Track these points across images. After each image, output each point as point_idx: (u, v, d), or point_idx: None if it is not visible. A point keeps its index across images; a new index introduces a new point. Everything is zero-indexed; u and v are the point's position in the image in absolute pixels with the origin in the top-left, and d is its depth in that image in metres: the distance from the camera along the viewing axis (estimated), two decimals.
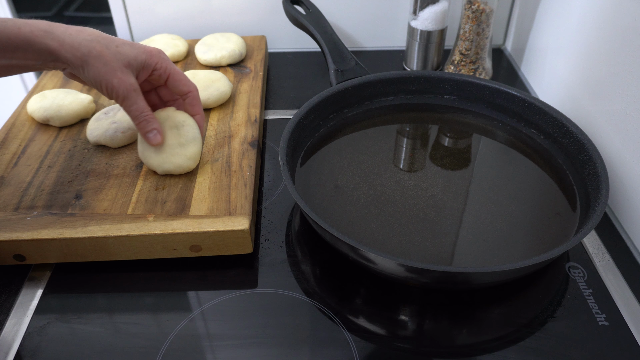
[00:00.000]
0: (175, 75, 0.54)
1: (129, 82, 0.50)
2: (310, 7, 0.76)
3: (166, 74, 0.53)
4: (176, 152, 0.54)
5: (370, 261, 0.45)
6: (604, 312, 0.47)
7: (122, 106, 0.51)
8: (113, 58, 0.49)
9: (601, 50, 0.59)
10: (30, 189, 0.55)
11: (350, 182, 0.57)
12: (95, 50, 0.48)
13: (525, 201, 0.55)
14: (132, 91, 0.50)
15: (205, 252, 0.51)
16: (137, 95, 0.51)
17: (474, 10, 0.71)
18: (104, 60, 0.48)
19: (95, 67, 0.48)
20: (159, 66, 0.53)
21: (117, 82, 0.49)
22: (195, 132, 0.56)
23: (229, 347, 0.45)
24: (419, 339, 0.45)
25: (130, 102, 0.51)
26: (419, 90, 0.68)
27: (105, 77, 0.49)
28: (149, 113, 0.53)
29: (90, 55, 0.48)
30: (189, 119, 0.56)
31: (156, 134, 0.53)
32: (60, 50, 0.47)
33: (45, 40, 0.46)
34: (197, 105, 0.56)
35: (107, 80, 0.49)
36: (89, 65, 0.48)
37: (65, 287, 0.50)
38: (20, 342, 0.45)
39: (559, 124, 0.59)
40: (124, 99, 0.50)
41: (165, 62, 0.53)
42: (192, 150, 0.55)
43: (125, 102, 0.51)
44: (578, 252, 0.53)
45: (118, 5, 0.85)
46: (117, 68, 0.49)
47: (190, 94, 0.56)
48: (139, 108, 0.51)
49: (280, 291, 0.49)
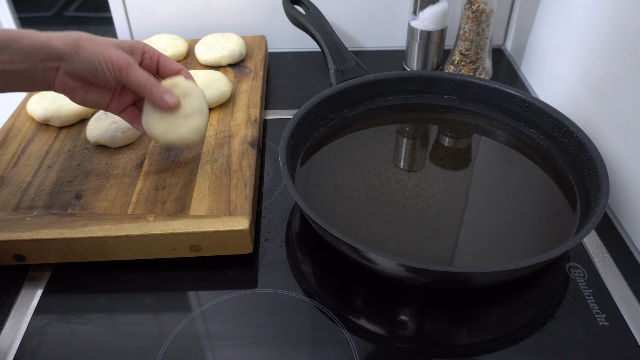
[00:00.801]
0: (164, 57, 0.54)
1: (125, 54, 0.49)
2: (310, 7, 0.76)
3: (156, 56, 0.53)
4: (180, 122, 0.51)
5: (370, 261, 0.45)
6: (604, 312, 0.47)
7: (126, 78, 0.49)
8: (103, 40, 0.49)
9: (601, 50, 0.59)
10: (30, 189, 0.55)
11: (350, 182, 0.57)
12: (84, 35, 0.48)
13: (525, 201, 0.55)
14: (132, 61, 0.49)
15: (205, 252, 0.51)
16: (137, 65, 0.50)
17: (474, 10, 0.71)
18: (95, 41, 0.48)
19: (88, 47, 0.48)
20: (147, 49, 0.53)
21: (114, 55, 0.48)
22: (202, 103, 0.53)
23: (229, 347, 0.45)
24: (419, 339, 0.45)
25: (133, 70, 0.49)
26: (419, 90, 0.68)
27: (101, 53, 0.48)
28: (154, 78, 0.51)
29: (81, 39, 0.48)
30: (195, 89, 0.53)
31: (170, 94, 0.50)
32: (49, 41, 0.47)
33: (33, 36, 0.46)
34: (190, 77, 0.55)
35: (103, 55, 0.48)
36: (81, 48, 0.47)
37: (65, 287, 0.50)
38: (20, 342, 0.45)
39: (559, 124, 0.59)
40: (127, 68, 0.49)
41: (151, 48, 0.54)
42: (197, 122, 0.52)
43: (129, 71, 0.49)
44: (578, 252, 0.53)
45: (118, 5, 0.85)
46: (110, 46, 0.49)
47: (182, 70, 0.54)
48: (144, 74, 0.50)
49: (280, 291, 0.49)
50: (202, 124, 0.52)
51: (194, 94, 0.52)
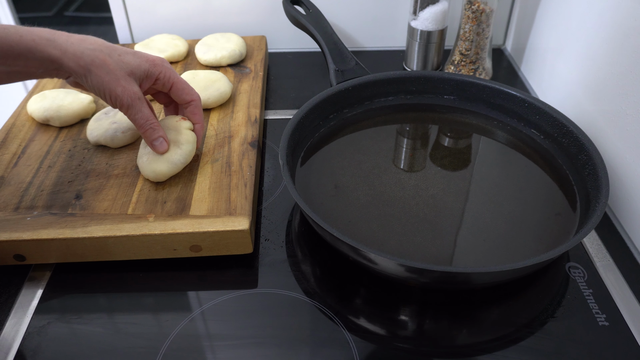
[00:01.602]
0: (178, 84, 0.54)
1: (132, 90, 0.50)
2: (310, 7, 0.76)
3: (169, 83, 0.54)
4: (153, 159, 0.54)
5: (371, 261, 0.45)
6: (604, 312, 0.47)
7: (127, 115, 0.51)
8: (116, 67, 0.49)
9: (601, 51, 0.59)
10: (31, 189, 0.55)
11: (350, 182, 0.57)
12: (98, 59, 0.48)
13: (525, 201, 0.55)
14: (137, 99, 0.50)
15: (205, 252, 0.51)
16: (141, 103, 0.51)
17: (474, 11, 0.71)
18: (107, 69, 0.48)
19: (98, 76, 0.48)
20: (162, 75, 0.53)
21: (120, 91, 0.49)
22: (181, 158, 0.54)
23: (229, 347, 0.45)
24: (419, 339, 0.45)
25: (134, 110, 0.51)
26: (419, 90, 0.68)
27: (108, 86, 0.49)
28: (154, 121, 0.53)
29: (94, 64, 0.48)
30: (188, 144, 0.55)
31: (162, 141, 0.53)
32: (62, 58, 0.47)
33: (47, 48, 0.46)
34: (198, 114, 0.57)
35: (110, 89, 0.49)
36: (92, 74, 0.48)
37: (65, 287, 0.50)
38: (20, 342, 0.45)
39: (559, 124, 0.59)
40: (128, 107, 0.50)
41: (169, 72, 0.54)
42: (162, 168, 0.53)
43: (129, 110, 0.51)
44: (578, 252, 0.53)
45: (118, 5, 0.85)
46: (121, 77, 0.49)
47: (192, 102, 0.56)
48: (144, 116, 0.52)
49: (280, 291, 0.49)
50: (164, 172, 0.54)
51: (183, 147, 0.55)
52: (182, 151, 0.54)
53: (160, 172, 0.54)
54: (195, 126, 0.57)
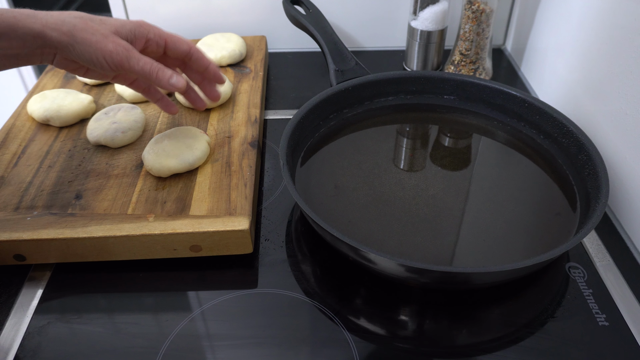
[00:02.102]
0: (172, 37, 0.51)
1: (123, 43, 0.47)
2: (310, 7, 0.76)
3: (162, 39, 0.51)
4: (161, 155, 0.55)
5: (370, 261, 0.45)
6: (604, 312, 0.47)
7: (129, 68, 0.47)
8: (100, 27, 0.47)
9: (601, 50, 0.59)
10: (31, 189, 0.55)
11: (350, 182, 0.57)
12: (80, 23, 0.46)
13: (525, 201, 0.55)
14: (131, 49, 0.47)
15: (205, 252, 0.51)
16: (138, 52, 0.48)
17: (474, 11, 0.71)
18: (92, 30, 0.46)
19: (84, 39, 0.46)
20: (152, 34, 0.50)
21: (112, 46, 0.46)
22: (189, 157, 0.55)
23: (229, 347, 0.45)
24: (419, 339, 0.45)
25: (134, 60, 0.47)
26: (419, 91, 0.68)
27: (98, 46, 0.46)
28: (159, 64, 0.49)
29: (76, 29, 0.46)
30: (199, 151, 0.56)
31: (177, 77, 0.49)
32: (44, 30, 0.45)
33: (27, 23, 0.45)
34: (203, 57, 0.53)
35: (101, 48, 0.46)
36: (77, 40, 0.46)
37: (65, 287, 0.50)
38: (20, 342, 0.45)
39: (559, 124, 0.59)
40: (127, 59, 0.47)
41: (156, 29, 0.51)
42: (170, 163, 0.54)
43: (130, 61, 0.47)
44: (578, 252, 0.53)
45: (118, 6, 0.85)
46: (107, 34, 0.46)
47: (191, 49, 0.52)
48: (147, 61, 0.48)
49: (280, 291, 0.49)
50: (171, 166, 0.54)
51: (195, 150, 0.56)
52: (193, 153, 0.56)
53: (166, 165, 0.54)
54: (210, 67, 0.54)
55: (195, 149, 0.56)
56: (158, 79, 0.48)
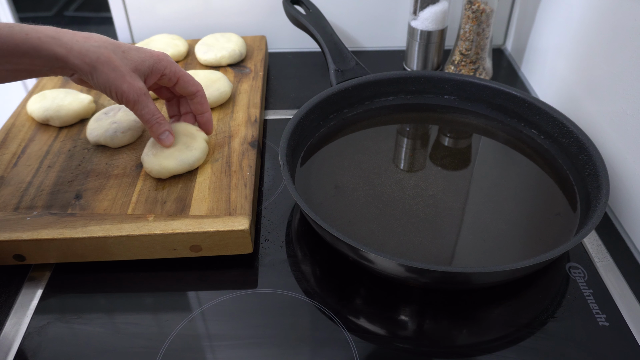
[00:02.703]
0: (184, 77, 0.55)
1: (138, 86, 0.50)
2: (310, 7, 0.76)
3: (175, 77, 0.54)
4: (161, 155, 0.55)
5: (370, 261, 0.45)
6: (604, 312, 0.47)
7: (133, 110, 0.52)
8: (121, 63, 0.49)
9: (601, 50, 0.59)
10: (30, 189, 0.55)
11: (350, 182, 0.57)
12: (103, 56, 0.48)
13: (525, 201, 0.55)
14: (142, 95, 0.51)
15: (205, 252, 0.51)
16: (147, 98, 0.52)
17: (474, 11, 0.71)
18: (113, 66, 0.49)
19: (104, 73, 0.49)
20: (168, 70, 0.54)
21: (127, 87, 0.49)
22: (189, 158, 0.55)
23: (229, 347, 0.45)
24: (419, 339, 0.45)
25: (141, 105, 0.51)
26: (419, 91, 0.68)
27: (114, 83, 0.49)
28: (160, 115, 0.53)
29: (99, 62, 0.48)
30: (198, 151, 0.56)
31: (168, 135, 0.54)
32: (68, 56, 0.47)
33: (52, 47, 0.47)
34: (205, 103, 0.58)
35: (116, 85, 0.49)
36: (97, 72, 0.49)
37: (65, 287, 0.50)
38: (20, 342, 0.45)
39: (559, 124, 0.59)
40: (134, 103, 0.51)
41: (174, 66, 0.54)
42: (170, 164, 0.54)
43: (136, 106, 0.51)
44: (578, 253, 0.53)
45: (118, 5, 0.85)
46: (126, 73, 0.49)
47: (198, 93, 0.57)
48: (150, 111, 0.52)
49: (280, 291, 0.49)
50: (170, 168, 0.55)
51: (194, 150, 0.56)
52: (193, 154, 0.55)
53: (166, 167, 0.54)
54: (205, 114, 0.58)
55: (194, 148, 0.56)
56: (152, 130, 0.54)
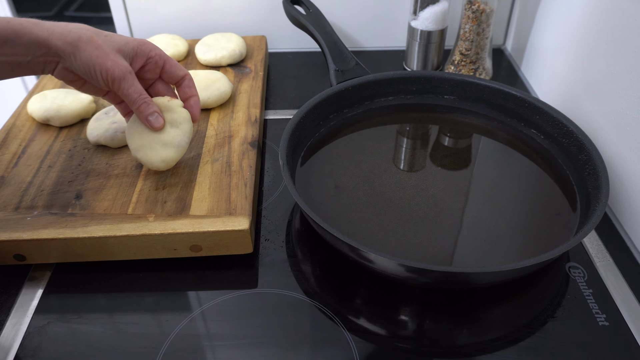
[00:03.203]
0: (170, 61, 0.54)
1: (123, 64, 0.49)
2: (310, 7, 0.76)
3: (162, 60, 0.53)
4: (156, 147, 0.52)
5: (371, 261, 0.45)
6: (604, 312, 0.47)
7: (119, 90, 0.49)
8: (104, 43, 0.48)
9: (601, 50, 0.59)
10: (31, 189, 0.55)
11: (350, 182, 0.57)
12: (85, 36, 0.47)
13: (525, 201, 0.55)
14: (128, 72, 0.49)
15: (205, 252, 0.51)
16: (133, 77, 0.50)
17: (474, 11, 0.71)
18: (95, 44, 0.48)
19: (87, 51, 0.47)
20: (153, 53, 0.52)
21: (111, 64, 0.48)
22: (184, 138, 0.53)
23: (229, 347, 0.45)
24: (419, 339, 0.45)
25: (127, 83, 0.49)
26: (419, 91, 0.68)
27: (98, 60, 0.47)
28: (147, 95, 0.51)
29: (81, 40, 0.47)
30: (187, 124, 0.54)
31: (157, 116, 0.51)
32: (50, 38, 0.46)
33: (34, 30, 0.46)
34: (193, 86, 0.56)
35: (100, 63, 0.47)
36: (80, 50, 0.47)
37: (65, 287, 0.50)
38: (21, 342, 0.45)
39: (559, 124, 0.59)
40: (120, 80, 0.49)
41: (158, 49, 0.53)
42: (171, 154, 0.53)
43: (122, 83, 0.49)
44: (578, 252, 0.53)
45: (118, 5, 0.85)
46: (109, 51, 0.48)
47: (186, 76, 0.55)
48: (137, 90, 0.50)
49: (281, 291, 0.49)
50: (173, 158, 0.53)
51: (182, 127, 0.53)
52: (183, 131, 0.53)
53: (169, 158, 0.53)
54: (193, 98, 0.56)
55: (179, 124, 0.53)
56: (139, 110, 0.51)
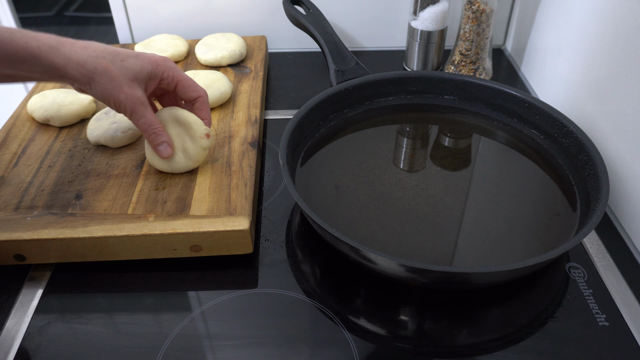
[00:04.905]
0: (184, 82, 0.54)
1: (135, 95, 0.50)
2: (310, 7, 0.76)
3: (174, 82, 0.54)
4: (178, 156, 0.55)
5: (371, 261, 0.45)
6: (604, 312, 0.47)
7: (131, 119, 0.52)
8: (119, 73, 0.49)
9: (601, 50, 0.59)
10: (31, 189, 0.55)
11: (350, 182, 0.57)
12: (100, 67, 0.48)
13: (525, 201, 0.55)
14: (139, 105, 0.51)
15: (205, 252, 0.51)
16: (145, 108, 0.51)
17: (474, 11, 0.71)
18: (110, 76, 0.49)
19: (101, 84, 0.49)
20: (166, 75, 0.53)
21: (124, 97, 0.50)
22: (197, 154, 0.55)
23: (229, 347, 0.45)
24: (419, 339, 0.45)
25: (137, 115, 0.51)
26: (419, 91, 0.68)
27: (112, 93, 0.49)
28: (158, 125, 0.53)
29: (96, 72, 0.48)
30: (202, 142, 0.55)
31: (166, 146, 0.53)
32: (66, 67, 0.48)
33: (51, 57, 0.47)
34: (205, 110, 0.56)
35: (114, 95, 0.49)
36: (95, 82, 0.49)
37: (65, 287, 0.50)
38: (21, 342, 0.45)
39: (559, 124, 0.59)
40: (131, 112, 0.51)
41: (172, 71, 0.54)
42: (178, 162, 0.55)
43: (133, 115, 0.51)
44: (578, 253, 0.53)
45: (118, 5, 0.85)
46: (124, 83, 0.49)
47: (199, 99, 0.56)
48: (147, 121, 0.52)
49: (281, 291, 0.49)
50: (181, 166, 0.55)
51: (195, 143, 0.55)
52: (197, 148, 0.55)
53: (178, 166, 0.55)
54: (205, 121, 0.56)
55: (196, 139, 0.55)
56: (150, 139, 0.53)
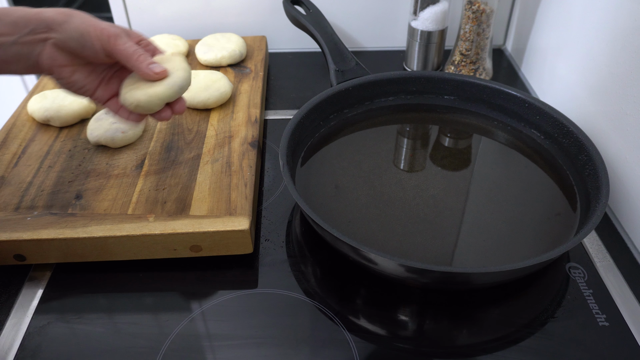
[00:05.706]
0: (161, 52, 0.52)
1: (116, 26, 0.48)
2: (310, 7, 0.76)
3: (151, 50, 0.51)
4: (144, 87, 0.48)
5: (371, 261, 0.45)
6: (604, 312, 0.47)
7: (114, 47, 0.47)
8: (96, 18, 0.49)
9: (602, 51, 0.59)
10: (31, 189, 0.55)
11: (350, 183, 0.57)
12: (77, 11, 0.48)
13: (525, 201, 0.55)
14: (122, 32, 0.48)
15: (205, 252, 0.51)
16: (128, 36, 0.49)
17: (474, 11, 0.71)
18: (88, 15, 0.48)
19: (80, 17, 0.47)
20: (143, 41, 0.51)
21: (105, 24, 0.48)
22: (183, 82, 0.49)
23: (229, 347, 0.45)
24: (419, 339, 0.45)
25: (122, 40, 0.48)
26: (419, 91, 0.68)
27: (91, 22, 0.47)
28: (143, 51, 0.49)
29: (73, 12, 0.48)
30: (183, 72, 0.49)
31: (157, 64, 0.49)
32: (41, 12, 0.47)
33: (25, 9, 0.47)
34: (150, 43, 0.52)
35: (94, 24, 0.47)
36: (73, 17, 0.47)
37: (65, 287, 0.50)
38: (21, 342, 0.45)
39: (559, 124, 0.59)
40: (115, 37, 0.47)
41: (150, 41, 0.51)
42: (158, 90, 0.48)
43: (117, 40, 0.47)
44: (578, 253, 0.53)
45: (118, 5, 0.85)
46: (102, 21, 0.48)
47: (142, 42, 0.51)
48: (133, 45, 0.48)
49: (281, 291, 0.49)
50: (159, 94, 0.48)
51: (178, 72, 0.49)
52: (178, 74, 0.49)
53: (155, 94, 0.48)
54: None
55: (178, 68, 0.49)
56: (138, 62, 0.48)
